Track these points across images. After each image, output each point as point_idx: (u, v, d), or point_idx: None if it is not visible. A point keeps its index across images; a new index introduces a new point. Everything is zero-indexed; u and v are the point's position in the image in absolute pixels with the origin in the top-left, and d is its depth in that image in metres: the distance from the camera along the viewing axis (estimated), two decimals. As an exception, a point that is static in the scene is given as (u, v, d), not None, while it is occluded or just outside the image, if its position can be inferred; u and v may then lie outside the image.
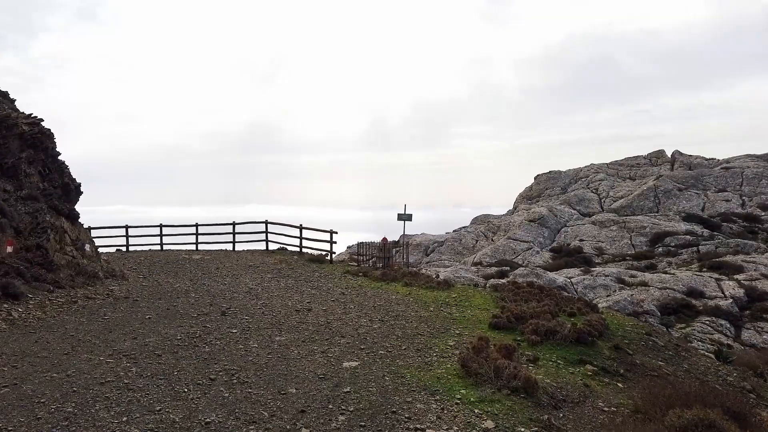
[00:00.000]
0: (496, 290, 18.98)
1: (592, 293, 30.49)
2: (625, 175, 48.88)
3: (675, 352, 12.84)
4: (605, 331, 12.71)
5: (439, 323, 13.58)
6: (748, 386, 11.97)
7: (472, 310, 15.41)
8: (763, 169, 44.09)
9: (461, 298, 17.42)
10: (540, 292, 16.65)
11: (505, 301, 16.10)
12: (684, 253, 37.46)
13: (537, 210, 41.73)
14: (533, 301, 15.43)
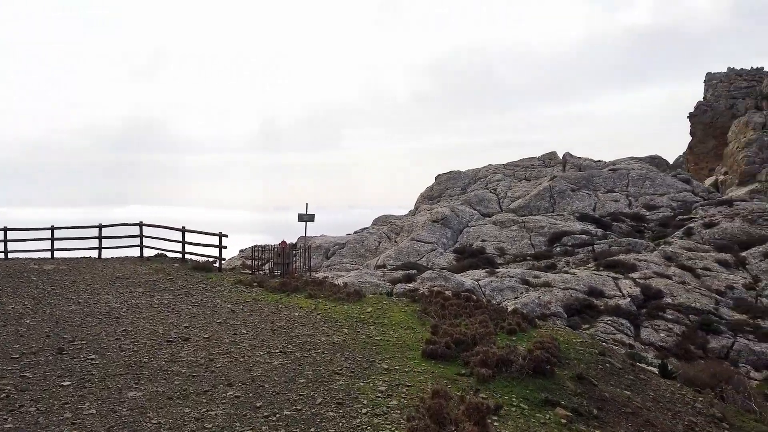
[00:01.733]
0: (415, 301, 16.14)
1: (500, 295, 28.78)
2: (521, 175, 48.66)
3: (635, 376, 10.61)
4: (559, 354, 10.18)
5: (359, 353, 10.40)
6: (717, 413, 9.97)
7: (395, 330, 12.39)
8: (646, 171, 45.40)
9: (377, 312, 14.36)
10: (467, 302, 13.99)
11: (429, 315, 13.26)
12: (581, 252, 37.10)
13: (440, 210, 39.93)
14: (464, 315, 12.71)
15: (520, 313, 13.04)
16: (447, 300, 13.71)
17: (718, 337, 28.13)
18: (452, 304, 13.10)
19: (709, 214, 40.70)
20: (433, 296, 14.56)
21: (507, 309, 13.76)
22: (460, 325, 11.33)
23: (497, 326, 11.93)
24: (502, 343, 10.18)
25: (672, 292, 30.99)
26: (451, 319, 12.24)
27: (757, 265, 34.90)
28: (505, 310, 13.45)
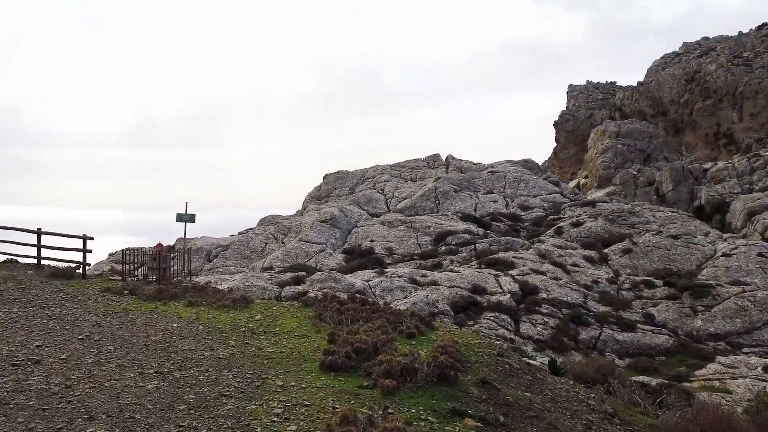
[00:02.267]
0: (308, 305, 15.15)
1: (390, 295, 28.52)
2: (407, 176, 49.25)
3: (533, 376, 10.50)
4: (461, 358, 9.76)
5: (249, 368, 9.25)
6: (609, 409, 10.11)
7: (288, 338, 11.34)
8: (521, 173, 47.83)
9: (267, 320, 13.19)
10: (363, 306, 13.28)
11: (325, 321, 12.37)
12: (464, 251, 38.04)
13: (328, 210, 39.08)
14: (361, 320, 11.98)
15: (418, 315, 12.57)
16: (343, 304, 12.89)
17: (587, 329, 30.00)
18: (349, 308, 12.32)
19: (575, 214, 43.66)
20: (328, 300, 13.68)
21: (405, 311, 13.24)
22: (359, 331, 10.57)
23: (395, 330, 11.32)
24: (404, 350, 9.56)
25: (547, 288, 32.66)
26: (348, 325, 11.44)
27: (618, 260, 37.93)
28: (402, 312, 12.90)
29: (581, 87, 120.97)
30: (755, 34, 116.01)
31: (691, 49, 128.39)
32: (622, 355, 29.20)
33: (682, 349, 29.09)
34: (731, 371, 27.12)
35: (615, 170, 75.90)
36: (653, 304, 33.37)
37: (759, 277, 34.97)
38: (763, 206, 49.17)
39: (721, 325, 31.52)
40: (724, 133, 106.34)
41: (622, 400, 10.79)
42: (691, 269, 37.13)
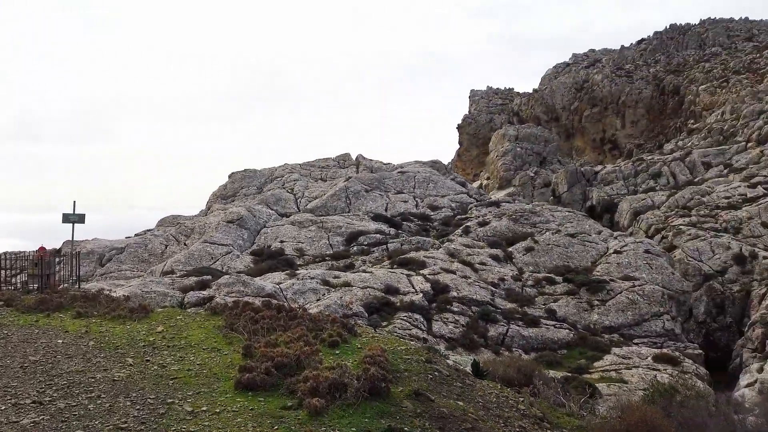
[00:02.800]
0: (216, 313, 13.81)
1: (302, 298, 27.41)
2: (317, 176, 48.11)
3: (462, 383, 10.01)
4: (390, 367, 9.05)
5: (150, 391, 7.97)
6: (538, 413, 9.84)
7: (196, 353, 10.06)
8: (430, 174, 48.29)
9: (171, 332, 11.77)
10: (280, 313, 12.23)
11: (237, 332, 11.19)
12: (376, 251, 37.63)
13: (235, 210, 37.10)
14: (279, 329, 10.94)
15: (340, 321, 11.72)
16: (257, 312, 11.75)
17: (496, 326, 30.56)
18: (264, 316, 11.21)
19: (481, 214, 44.69)
20: (240, 307, 12.47)
21: (326, 317, 12.33)
22: (277, 342, 9.54)
23: (317, 339, 10.41)
24: (329, 362, 8.69)
25: (457, 287, 32.96)
26: (264, 336, 10.36)
27: (521, 258, 39.18)
28: (321, 318, 11.99)
29: (482, 92, 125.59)
30: (635, 48, 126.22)
31: (580, 60, 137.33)
32: (528, 350, 30.01)
33: (581, 342, 30.37)
34: (626, 362, 28.64)
35: (514, 172, 79.17)
36: (554, 300, 34.71)
37: (646, 272, 37.42)
38: (646, 206, 53.10)
39: (615, 318, 33.33)
40: (609, 138, 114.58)
41: (547, 401, 10.60)
42: (587, 266, 39.07)
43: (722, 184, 51.94)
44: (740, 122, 61.17)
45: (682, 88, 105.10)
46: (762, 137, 56.91)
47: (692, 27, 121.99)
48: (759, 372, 29.74)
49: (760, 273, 42.58)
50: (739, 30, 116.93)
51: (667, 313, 34.54)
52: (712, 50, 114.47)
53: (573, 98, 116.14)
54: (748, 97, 66.26)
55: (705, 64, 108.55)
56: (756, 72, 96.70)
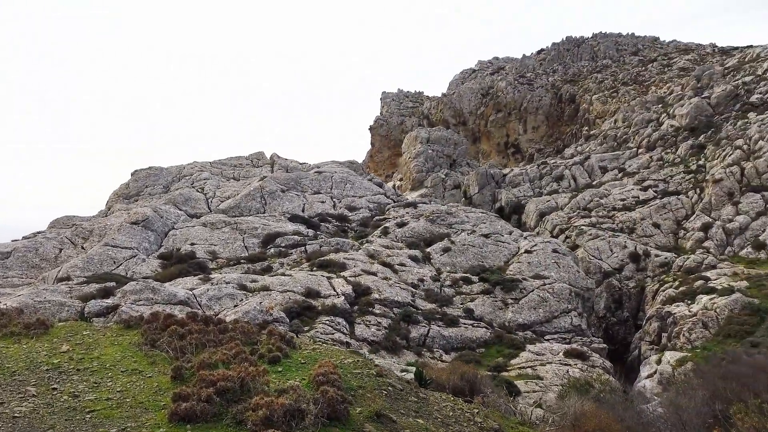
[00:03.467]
0: (130, 326, 12.23)
1: (218, 305, 25.71)
2: (230, 174, 45.72)
3: (416, 397, 9.38)
4: (345, 386, 8.23)
5: (63, 429, 6.60)
6: (495, 425, 9.43)
7: (114, 377, 8.65)
8: (347, 174, 47.52)
9: (79, 350, 10.15)
10: (207, 326, 10.97)
11: (159, 349, 9.85)
12: (294, 253, 36.38)
13: (140, 210, 34.20)
14: (209, 345, 9.74)
15: (277, 332, 10.68)
16: (183, 324, 10.43)
17: (417, 327, 30.43)
18: (192, 330, 9.94)
19: (399, 214, 44.64)
20: (161, 320, 11.05)
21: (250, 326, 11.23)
22: (214, 362, 8.38)
23: (255, 354, 9.35)
24: (278, 384, 7.70)
25: (378, 288, 32.50)
26: (195, 353, 9.13)
27: (439, 259, 39.49)
28: (252, 330, 10.88)
29: (393, 94, 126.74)
30: (535, 57, 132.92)
31: (485, 67, 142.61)
32: (448, 350, 30.17)
33: (498, 341, 30.98)
34: (540, 358, 29.53)
35: (426, 173, 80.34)
36: (471, 300, 35.24)
37: (554, 270, 38.97)
38: (550, 208, 55.66)
39: (528, 315, 34.38)
40: (512, 143, 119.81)
41: (498, 410, 10.23)
42: (501, 265, 40.12)
43: (618, 187, 55.50)
44: (632, 130, 65.83)
45: (578, 97, 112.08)
46: (650, 144, 61.54)
47: (586, 40, 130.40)
48: (658, 363, 31.82)
49: (652, 270, 45.94)
50: (626, 44, 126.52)
51: (575, 310, 36.16)
52: (603, 62, 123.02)
53: (479, 103, 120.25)
54: (638, 107, 71.52)
55: (597, 75, 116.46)
56: (642, 83, 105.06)
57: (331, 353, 10.65)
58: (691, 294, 37.28)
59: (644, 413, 18.78)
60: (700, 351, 31.56)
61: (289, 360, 9.55)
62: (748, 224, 46.64)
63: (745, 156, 51.15)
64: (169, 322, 10.79)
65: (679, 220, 50.75)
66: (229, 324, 10.86)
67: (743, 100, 60.07)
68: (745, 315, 32.38)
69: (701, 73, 71.33)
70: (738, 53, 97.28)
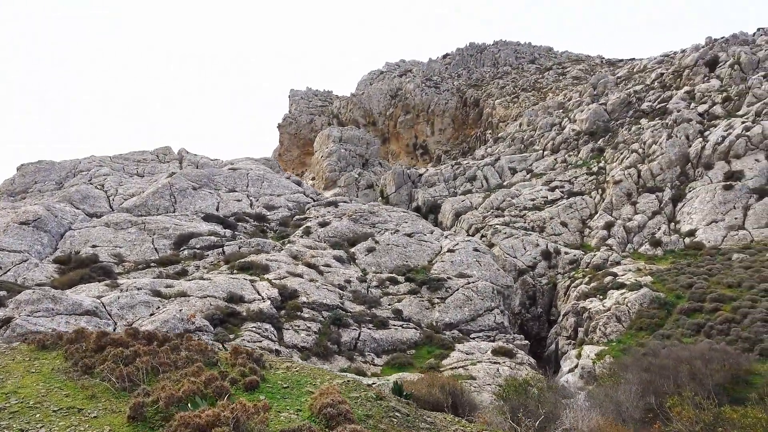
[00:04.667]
0: (45, 347, 9.87)
1: (131, 314, 22.81)
2: (133, 170, 41.49)
3: (426, 422, 8.12)
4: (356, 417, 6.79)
5: None
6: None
7: (46, 420, 6.57)
8: (264, 171, 45.02)
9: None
10: (150, 343, 8.99)
11: (93, 375, 7.81)
12: (210, 254, 33.68)
13: (31, 209, 29.80)
14: (164, 368, 7.85)
15: (243, 351, 8.92)
16: (124, 344, 8.38)
17: (348, 330, 29.10)
18: (139, 351, 7.96)
19: (320, 214, 42.97)
20: (92, 339, 8.89)
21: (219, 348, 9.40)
22: (183, 394, 6.58)
23: (225, 379, 7.62)
24: (282, 423, 6.10)
25: (306, 291, 30.76)
26: (148, 381, 7.24)
27: (364, 259, 38.35)
28: (207, 347, 9.05)
29: (302, 92, 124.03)
30: (441, 61, 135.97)
31: (392, 69, 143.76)
32: (380, 353, 29.14)
33: (428, 341, 30.43)
34: (470, 357, 29.29)
35: (339, 173, 79.00)
36: (398, 300, 34.48)
37: (476, 269, 39.21)
38: (466, 207, 56.46)
39: (454, 315, 34.18)
40: (421, 144, 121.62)
41: (502, 429, 9.23)
42: (425, 264, 39.76)
43: (528, 187, 57.40)
44: (537, 133, 68.61)
45: (481, 101, 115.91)
46: (555, 147, 64.40)
47: (488, 47, 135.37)
48: (578, 357, 32.79)
49: (563, 267, 47.80)
50: (524, 53, 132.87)
51: (497, 308, 36.50)
52: (504, 69, 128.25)
53: (388, 104, 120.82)
54: (541, 111, 74.80)
55: (499, 80, 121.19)
56: (540, 90, 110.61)
57: (310, 373, 9.08)
58: (602, 289, 38.98)
59: (558, 405, 18.73)
60: (615, 344, 32.94)
61: (269, 385, 7.90)
62: (645, 223, 49.91)
63: (640, 159, 54.76)
64: (104, 342, 8.67)
65: (584, 219, 53.34)
66: (180, 341, 8.94)
67: (635, 107, 64.54)
68: (654, 309, 34.24)
69: (597, 81, 76.00)
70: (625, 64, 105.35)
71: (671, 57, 77.74)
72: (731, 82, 61.34)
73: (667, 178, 52.28)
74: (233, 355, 8.56)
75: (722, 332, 29.59)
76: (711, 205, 48.40)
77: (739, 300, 31.91)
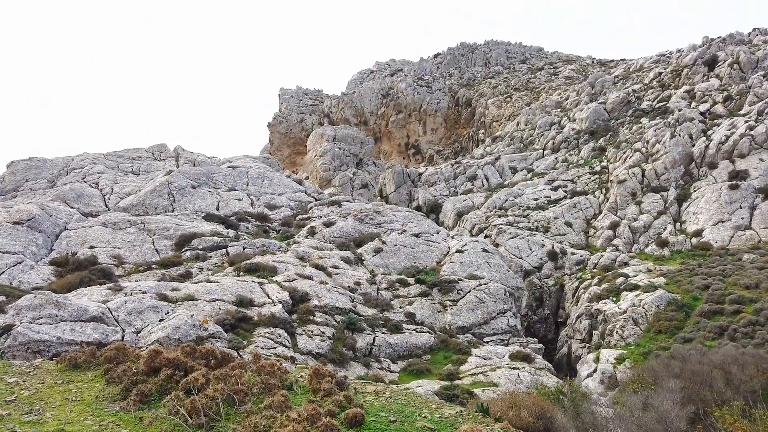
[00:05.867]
0: (77, 366, 8.41)
1: (140, 320, 21.26)
2: (128, 168, 39.68)
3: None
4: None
5: None
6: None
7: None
8: (264, 170, 43.48)
9: (17, 411, 6.43)
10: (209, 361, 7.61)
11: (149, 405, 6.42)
12: (214, 256, 32.12)
13: (24, 208, 27.95)
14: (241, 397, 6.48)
15: (327, 373, 7.58)
16: (185, 367, 6.99)
17: (362, 335, 27.77)
18: (207, 377, 6.59)
19: (324, 213, 41.54)
20: (143, 359, 7.48)
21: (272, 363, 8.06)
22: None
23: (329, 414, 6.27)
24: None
25: (317, 294, 29.34)
26: (226, 416, 5.88)
27: (371, 260, 37.01)
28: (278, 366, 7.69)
29: (292, 91, 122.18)
30: (432, 61, 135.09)
31: (383, 68, 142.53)
32: (396, 359, 27.88)
33: (443, 346, 29.26)
34: (488, 363, 28.12)
35: (334, 172, 77.53)
36: (409, 303, 33.23)
37: (486, 270, 38.11)
38: (468, 207, 55.44)
39: (467, 318, 32.99)
40: (413, 144, 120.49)
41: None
42: (434, 266, 38.52)
43: (530, 187, 56.54)
44: (536, 132, 67.88)
45: (474, 101, 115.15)
46: (555, 146, 63.68)
47: (479, 46, 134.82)
48: (596, 362, 31.85)
49: (569, 268, 47.00)
50: (515, 53, 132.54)
51: (510, 310, 35.42)
52: (495, 68, 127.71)
53: (380, 104, 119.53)
54: (539, 110, 74.13)
55: (491, 80, 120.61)
56: (533, 90, 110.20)
57: (407, 400, 7.75)
58: (614, 291, 38.17)
59: (597, 415, 17.69)
60: (634, 348, 32.07)
61: (372, 417, 6.54)
62: (651, 223, 49.33)
63: (644, 158, 54.19)
64: (157, 362, 7.26)
65: (588, 219, 52.63)
66: (247, 361, 7.57)
67: (635, 106, 64.07)
68: (671, 311, 33.48)
69: (594, 80, 75.58)
70: (617, 64, 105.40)
71: (668, 56, 77.63)
72: (731, 82, 61.15)
73: (671, 177, 51.79)
74: (315, 378, 7.21)
75: (747, 335, 28.89)
76: (717, 205, 47.97)
77: (761, 302, 31.26)
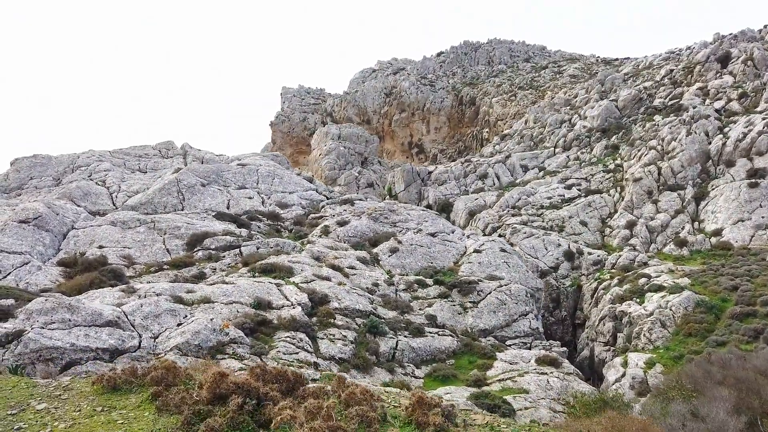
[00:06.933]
0: (116, 388, 7.16)
1: (157, 324, 19.99)
2: (135, 166, 38.34)
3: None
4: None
5: None
6: None
7: None
8: (274, 168, 42.20)
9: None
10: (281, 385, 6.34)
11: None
12: (227, 256, 30.87)
13: (30, 206, 26.64)
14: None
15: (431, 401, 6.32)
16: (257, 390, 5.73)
17: (385, 339, 26.54)
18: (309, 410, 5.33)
19: (337, 212, 40.31)
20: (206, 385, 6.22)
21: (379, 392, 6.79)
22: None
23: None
24: None
25: (336, 295, 28.09)
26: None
27: (388, 260, 35.79)
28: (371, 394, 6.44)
29: (295, 90, 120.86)
30: (435, 59, 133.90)
31: (385, 67, 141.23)
32: (419, 363, 26.69)
33: (467, 350, 28.10)
34: (515, 368, 26.89)
35: (339, 171, 76.27)
36: (429, 304, 32.06)
37: (505, 270, 36.93)
38: (480, 206, 54.21)
39: (488, 320, 31.81)
40: (416, 143, 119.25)
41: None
42: (451, 266, 37.31)
43: (543, 185, 55.36)
44: (546, 130, 66.73)
45: (477, 100, 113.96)
46: (566, 144, 62.54)
47: (482, 45, 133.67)
48: (624, 366, 30.57)
49: (587, 268, 45.79)
50: (518, 51, 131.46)
51: (531, 312, 34.24)
52: (499, 67, 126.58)
53: (383, 102, 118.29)
54: (548, 108, 73.00)
55: (495, 79, 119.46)
56: (537, 89, 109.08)
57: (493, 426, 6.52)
58: (638, 292, 36.97)
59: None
60: (663, 351, 30.84)
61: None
62: (668, 222, 48.19)
63: (659, 156, 53.08)
64: (224, 388, 5.97)
65: (604, 218, 51.48)
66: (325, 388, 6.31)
67: (647, 104, 62.99)
68: (700, 312, 32.29)
69: (604, 77, 74.50)
70: (622, 62, 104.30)
71: (677, 53, 76.60)
72: (745, 78, 60.11)
73: (688, 175, 50.68)
74: (419, 408, 5.95)
75: (784, 338, 27.72)
76: (736, 204, 46.86)
77: (795, 303, 30.10)
